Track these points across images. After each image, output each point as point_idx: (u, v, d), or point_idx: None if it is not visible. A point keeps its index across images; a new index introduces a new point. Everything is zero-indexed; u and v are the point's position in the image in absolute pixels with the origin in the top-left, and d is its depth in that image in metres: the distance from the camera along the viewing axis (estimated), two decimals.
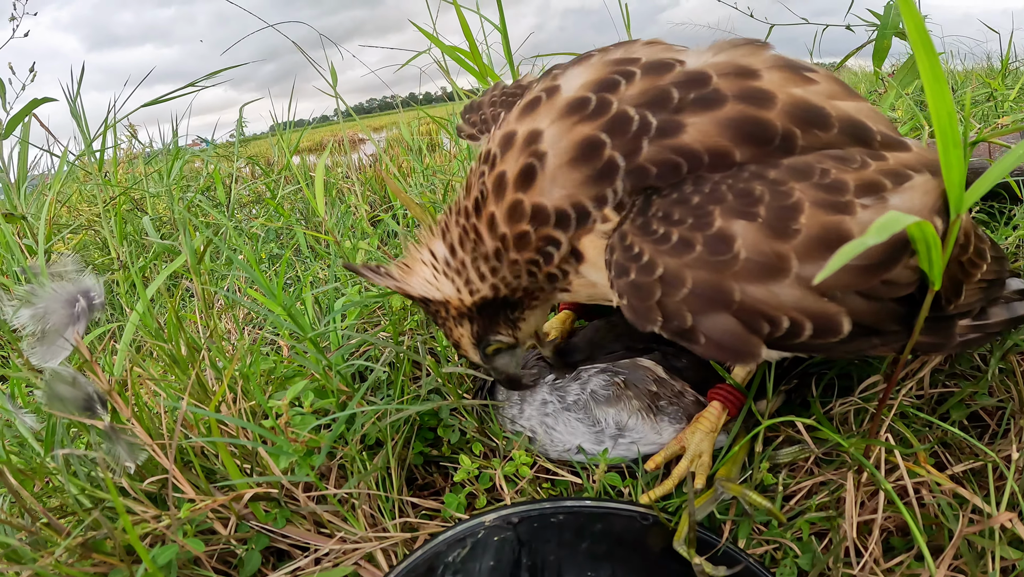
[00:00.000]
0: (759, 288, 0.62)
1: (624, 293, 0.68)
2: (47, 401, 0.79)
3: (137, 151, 3.09)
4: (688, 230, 0.65)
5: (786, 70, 0.73)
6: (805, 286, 0.61)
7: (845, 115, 0.70)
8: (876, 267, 0.62)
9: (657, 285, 0.65)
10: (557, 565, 0.76)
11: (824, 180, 0.65)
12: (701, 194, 0.66)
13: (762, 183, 0.65)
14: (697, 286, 0.63)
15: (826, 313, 0.63)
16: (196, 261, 1.31)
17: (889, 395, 0.75)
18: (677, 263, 0.64)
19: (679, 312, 0.64)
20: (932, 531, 0.77)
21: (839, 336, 0.63)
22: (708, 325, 0.63)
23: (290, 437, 0.87)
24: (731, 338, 0.63)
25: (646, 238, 0.67)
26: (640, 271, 0.66)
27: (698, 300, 0.63)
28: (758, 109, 0.69)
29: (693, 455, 0.87)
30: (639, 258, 0.67)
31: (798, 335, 0.63)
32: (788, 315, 0.62)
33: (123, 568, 0.76)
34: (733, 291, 0.62)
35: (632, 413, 0.95)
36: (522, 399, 1.00)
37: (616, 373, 0.97)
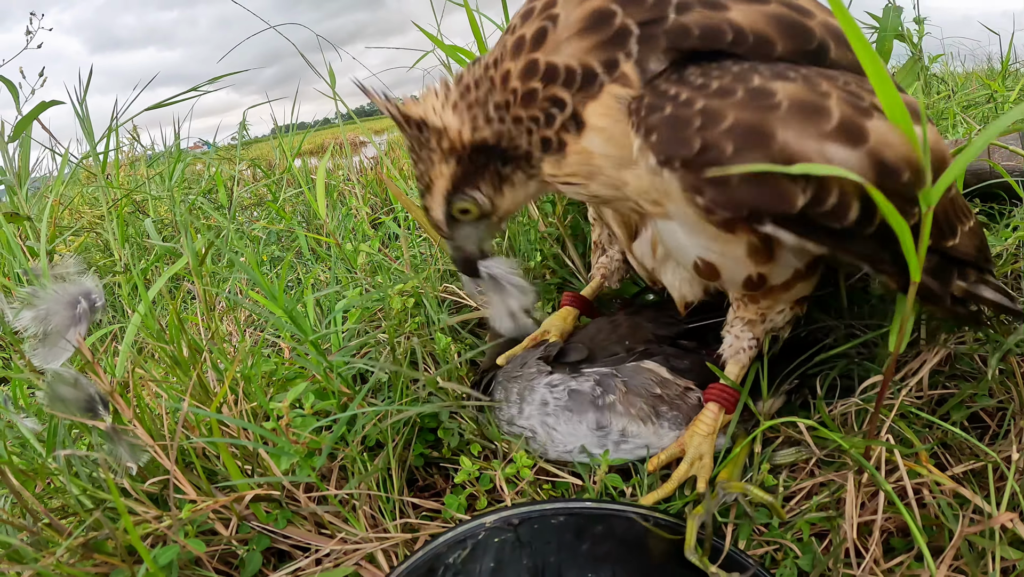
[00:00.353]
0: (799, 136, 0.62)
1: (654, 128, 0.66)
2: (49, 402, 0.80)
3: (139, 154, 3.10)
4: (730, 82, 0.65)
5: (819, 3, 0.76)
6: (830, 160, 0.62)
7: None
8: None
9: (697, 117, 0.64)
10: (557, 566, 0.76)
11: (847, 87, 0.67)
12: (739, 66, 0.68)
13: (795, 72, 0.67)
14: (739, 124, 0.63)
15: (844, 190, 0.64)
16: (198, 263, 1.32)
17: (886, 392, 0.75)
18: (718, 103, 0.64)
19: (719, 143, 0.63)
20: (933, 532, 0.77)
21: (846, 220, 0.65)
22: (744, 163, 0.62)
23: (291, 438, 0.87)
24: (766, 180, 0.63)
25: (683, 85, 0.67)
26: (678, 106, 0.65)
27: (739, 136, 0.62)
28: (800, 16, 0.72)
29: (693, 458, 0.87)
30: (676, 98, 0.66)
31: (823, 202, 0.64)
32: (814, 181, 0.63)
33: (124, 568, 0.76)
34: (774, 133, 0.62)
35: (634, 416, 0.95)
36: (522, 399, 1.00)
37: (619, 377, 0.97)
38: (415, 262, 1.51)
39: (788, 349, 0.98)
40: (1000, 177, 1.25)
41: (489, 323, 1.00)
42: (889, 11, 1.59)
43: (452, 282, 1.43)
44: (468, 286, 1.02)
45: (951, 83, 2.08)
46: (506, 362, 1.06)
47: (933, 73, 2.00)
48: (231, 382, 0.97)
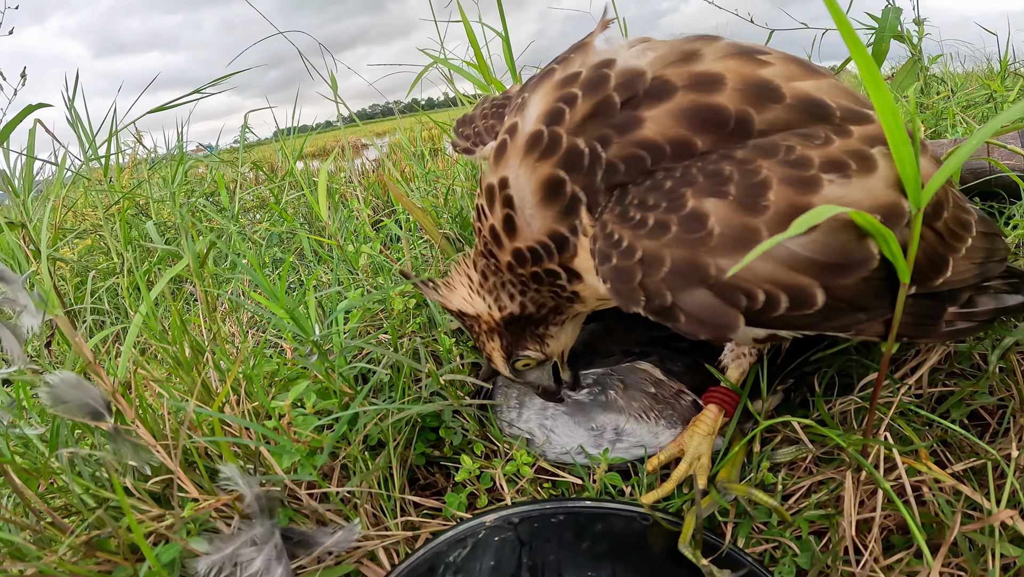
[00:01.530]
0: (733, 262, 0.62)
1: (608, 278, 0.70)
2: (51, 404, 0.80)
3: (142, 157, 3.11)
4: (663, 213, 0.67)
5: (737, 56, 0.74)
6: (776, 260, 0.63)
7: (802, 93, 0.71)
8: (834, 267, 0.64)
9: (638, 267, 0.67)
10: (557, 565, 0.77)
11: (790, 157, 0.66)
12: (673, 179, 0.69)
13: (731, 163, 0.67)
14: (675, 264, 0.65)
15: (798, 285, 0.64)
16: (199, 265, 1.32)
17: (880, 390, 0.75)
18: (655, 244, 0.66)
19: (659, 291, 0.66)
20: (932, 529, 0.77)
21: (814, 307, 0.64)
22: (687, 301, 0.65)
23: (293, 437, 0.88)
24: (710, 312, 0.65)
25: (624, 225, 0.69)
26: (621, 256, 0.69)
27: (676, 278, 0.65)
28: (709, 94, 0.71)
29: (692, 457, 0.88)
30: (619, 244, 0.69)
31: (775, 308, 0.64)
32: (762, 288, 0.63)
33: (127, 566, 0.76)
34: (709, 266, 0.63)
35: (630, 416, 0.95)
36: (520, 402, 1.01)
37: (614, 376, 0.97)
38: (416, 263, 1.51)
39: (788, 351, 0.98)
40: (998, 174, 1.25)
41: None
42: (888, 12, 1.59)
43: None
44: (501, 395, 1.12)
45: (950, 83, 2.08)
46: None
47: (933, 74, 2.01)
48: (233, 382, 0.97)
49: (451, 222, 1.60)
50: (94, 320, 1.80)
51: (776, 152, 0.67)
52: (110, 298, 1.86)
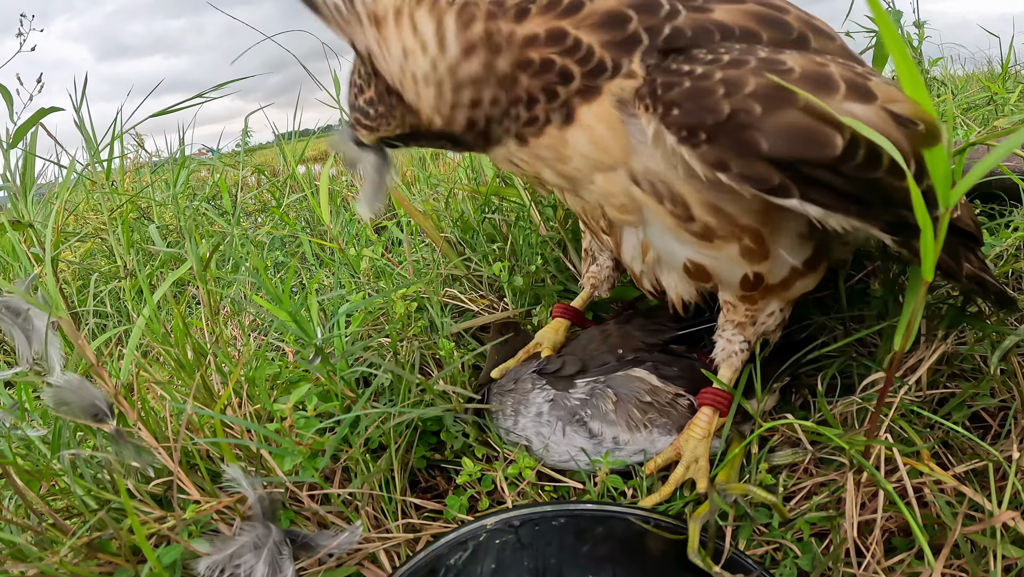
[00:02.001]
0: (819, 97, 0.61)
1: (675, 102, 0.64)
2: (54, 406, 0.80)
3: (144, 160, 3.12)
4: (740, 54, 0.65)
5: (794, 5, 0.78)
6: (852, 114, 0.61)
7: (844, 43, 0.77)
8: None
9: (720, 86, 0.63)
10: (558, 568, 0.77)
11: (839, 61, 0.68)
12: (741, 44, 0.69)
13: (791, 48, 0.69)
14: (762, 87, 0.62)
15: (873, 139, 0.61)
16: (202, 268, 1.33)
17: (887, 392, 0.76)
18: (736, 72, 0.63)
19: (747, 105, 0.62)
20: (935, 531, 0.77)
21: (880, 168, 0.63)
22: (776, 121, 0.61)
23: (294, 440, 0.88)
24: (802, 130, 0.61)
25: (695, 62, 0.66)
26: (696, 79, 0.64)
27: (764, 97, 0.62)
28: (778, 11, 0.74)
29: (689, 461, 0.88)
30: (692, 73, 0.65)
31: (853, 157, 0.62)
32: (843, 131, 0.61)
33: (128, 567, 0.76)
34: (796, 96, 0.61)
35: (625, 425, 0.95)
36: (516, 411, 1.01)
37: (609, 386, 0.97)
38: (418, 267, 1.51)
39: (782, 348, 0.98)
40: (998, 176, 1.25)
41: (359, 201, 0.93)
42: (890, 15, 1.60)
43: (455, 287, 1.44)
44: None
45: (951, 85, 2.08)
46: (500, 376, 1.07)
47: (933, 76, 2.01)
48: (235, 384, 0.98)
49: (452, 226, 1.61)
50: (96, 323, 1.80)
51: (829, 57, 0.69)
52: (112, 301, 1.87)
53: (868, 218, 0.68)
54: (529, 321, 1.27)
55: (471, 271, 1.45)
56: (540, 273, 1.34)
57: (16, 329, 0.87)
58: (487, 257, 1.44)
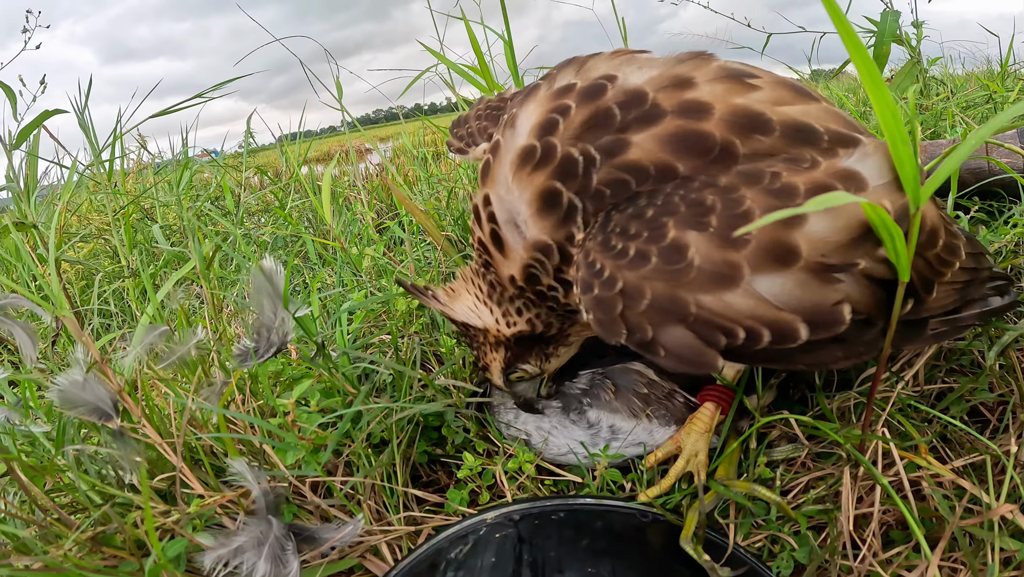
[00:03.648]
0: (713, 298, 0.62)
1: (589, 308, 0.69)
2: (60, 403, 0.81)
3: (147, 161, 3.14)
4: (644, 243, 0.66)
5: (727, 80, 0.73)
6: (757, 297, 0.61)
7: (789, 119, 0.70)
8: (832, 267, 0.62)
9: (619, 299, 0.66)
10: (558, 561, 0.77)
11: (774, 185, 0.64)
12: (655, 207, 0.68)
13: (714, 192, 0.66)
14: (655, 298, 0.64)
15: (781, 320, 0.62)
16: (205, 267, 1.34)
17: (877, 388, 0.76)
18: (635, 276, 0.65)
19: (640, 325, 0.65)
20: (932, 524, 0.77)
21: (797, 342, 0.63)
22: (666, 338, 0.65)
23: (298, 434, 0.89)
24: (688, 350, 0.64)
25: (606, 254, 0.69)
26: (602, 286, 0.68)
27: (656, 313, 0.64)
28: (695, 122, 0.70)
29: (689, 454, 0.88)
30: (601, 274, 0.68)
31: (756, 342, 0.63)
32: (743, 324, 0.62)
33: (133, 561, 0.77)
34: (688, 303, 0.63)
35: (625, 416, 0.96)
36: None
37: (608, 377, 0.98)
38: (419, 266, 1.52)
39: None
40: (998, 175, 1.26)
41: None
42: (887, 16, 1.60)
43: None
44: (498, 397, 1.10)
45: (950, 84, 2.09)
46: None
47: (932, 76, 2.01)
48: (238, 381, 0.98)
49: (453, 224, 1.61)
50: (100, 323, 1.81)
51: (760, 179, 0.65)
52: (116, 301, 1.88)
53: (787, 367, 0.74)
54: None
55: None
56: None
57: (19, 329, 0.88)
58: None
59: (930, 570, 0.69)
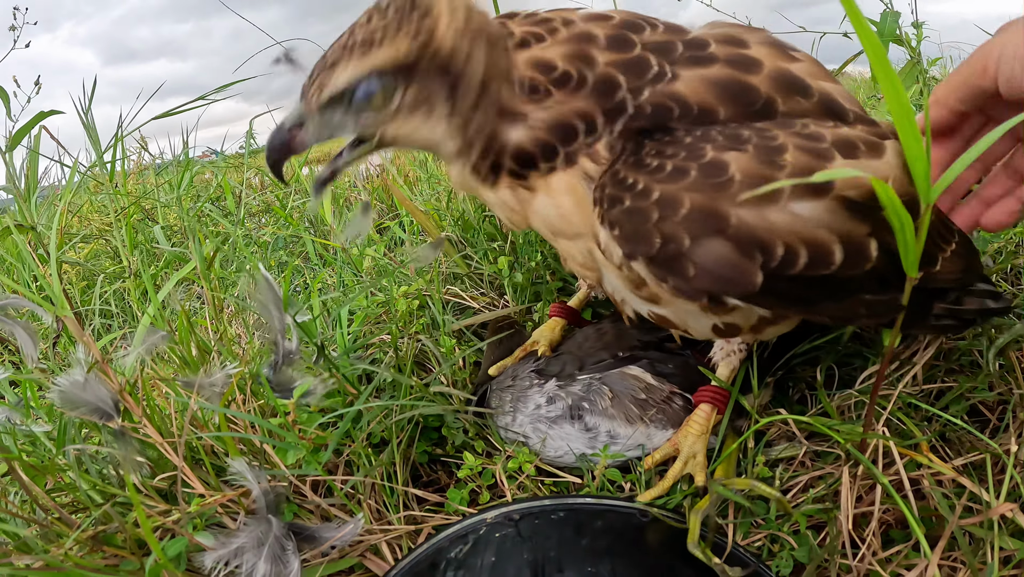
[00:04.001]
0: (753, 212, 0.62)
1: (617, 221, 0.67)
2: (61, 403, 0.82)
3: (148, 163, 3.15)
4: (683, 160, 0.65)
5: (775, 47, 0.77)
6: (795, 214, 0.63)
7: (824, 90, 0.75)
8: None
9: (654, 208, 0.64)
10: (558, 561, 0.77)
11: (804, 130, 0.68)
12: (692, 136, 0.68)
13: (749, 129, 0.68)
14: (695, 208, 0.63)
15: (818, 239, 0.63)
16: (206, 267, 1.34)
17: (880, 384, 0.76)
18: (674, 187, 0.64)
19: (676, 234, 0.63)
20: (932, 523, 0.77)
21: (831, 267, 0.64)
22: (702, 252, 0.63)
23: (298, 434, 0.89)
24: (726, 265, 0.63)
25: (640, 171, 0.67)
26: (636, 197, 0.66)
27: (695, 223, 0.63)
28: (745, 73, 0.72)
29: (687, 456, 0.89)
30: (634, 187, 0.66)
31: (793, 264, 0.63)
32: (783, 240, 0.63)
33: (134, 560, 0.77)
34: (729, 214, 0.62)
35: (622, 422, 0.96)
36: (514, 408, 1.02)
37: (605, 383, 0.98)
38: (419, 266, 1.52)
39: (778, 342, 0.99)
40: None
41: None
42: (886, 16, 1.61)
43: (456, 285, 1.45)
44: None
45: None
46: (498, 373, 1.08)
47: (932, 76, 2.02)
48: (239, 381, 0.99)
49: (453, 225, 1.62)
50: (101, 323, 1.82)
51: (792, 125, 0.69)
52: (117, 302, 1.89)
53: (814, 313, 0.72)
54: (530, 318, 1.28)
55: (472, 269, 1.46)
56: (540, 270, 1.35)
57: (20, 329, 0.88)
58: (488, 255, 1.45)
59: (930, 569, 0.69)
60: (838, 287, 0.68)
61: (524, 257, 1.37)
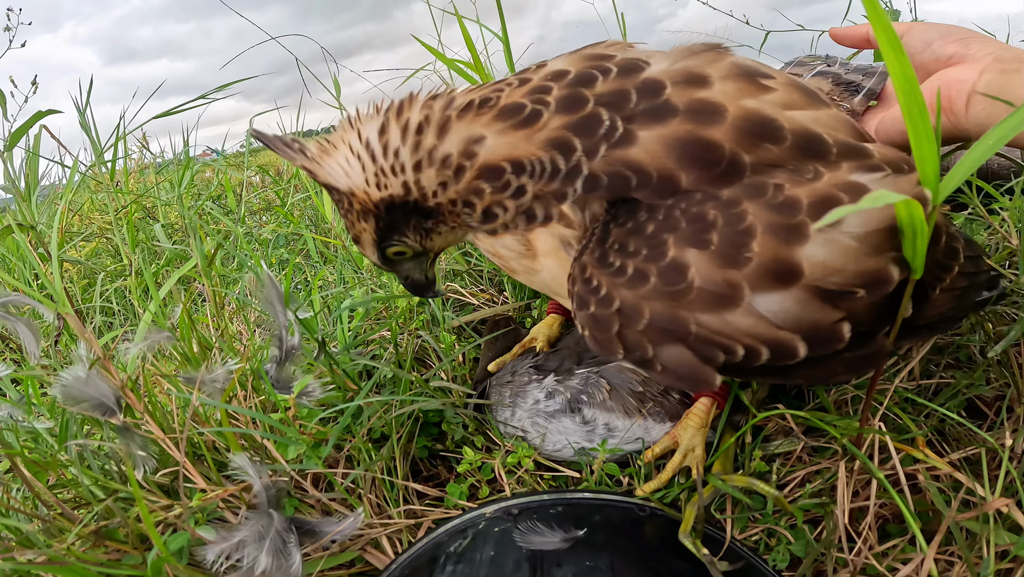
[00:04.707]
0: (713, 317, 0.62)
1: (586, 325, 0.68)
2: (63, 399, 0.82)
3: (148, 161, 3.15)
4: (643, 261, 0.64)
5: (741, 79, 0.71)
6: (756, 316, 0.61)
7: (799, 127, 0.68)
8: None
9: (616, 318, 0.65)
10: (556, 555, 0.78)
11: (777, 199, 0.63)
12: (655, 222, 0.66)
13: (715, 205, 0.64)
14: (655, 318, 0.63)
15: (780, 338, 0.62)
16: (207, 264, 1.34)
17: (878, 379, 0.76)
18: (634, 295, 0.64)
19: (639, 343, 0.65)
20: (929, 518, 0.78)
21: (795, 359, 0.63)
22: (665, 356, 0.64)
23: (299, 429, 0.90)
24: (686, 368, 0.64)
25: (603, 271, 0.67)
26: (599, 304, 0.67)
27: (656, 332, 0.64)
28: (706, 127, 0.67)
29: (686, 449, 0.89)
30: (598, 291, 0.67)
31: (755, 360, 0.63)
32: (743, 342, 0.62)
33: (136, 555, 0.78)
34: (688, 322, 0.62)
35: (620, 415, 0.96)
36: (513, 403, 1.02)
37: (602, 376, 0.99)
38: None
39: None
40: (998, 176, 1.26)
41: None
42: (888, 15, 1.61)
43: (456, 281, 1.45)
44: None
45: None
46: (497, 369, 1.09)
47: None
48: (240, 377, 0.99)
49: None
50: (103, 321, 1.82)
51: (764, 193, 0.64)
52: (118, 300, 1.89)
53: (788, 380, 0.72)
54: (529, 314, 1.29)
55: (472, 266, 1.47)
56: None
57: (22, 325, 0.88)
58: None
59: (925, 563, 0.69)
60: (809, 363, 0.66)
61: None
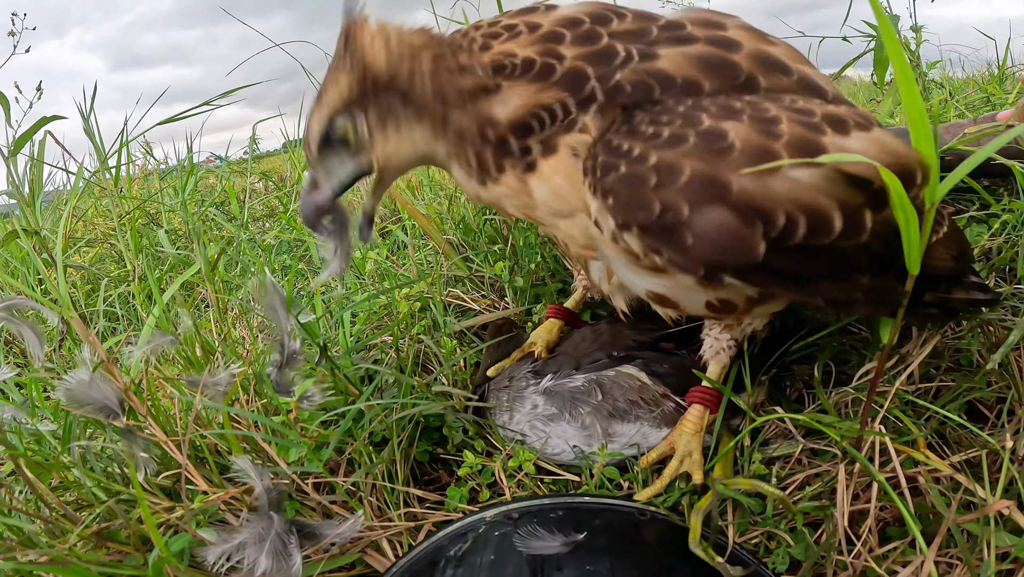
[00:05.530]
0: (754, 180, 0.61)
1: (611, 189, 0.65)
2: (66, 402, 0.83)
3: (152, 167, 3.17)
4: (680, 128, 0.64)
5: (752, 31, 0.78)
6: (795, 181, 0.62)
7: (803, 72, 0.75)
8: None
9: (652, 173, 0.63)
10: (556, 559, 0.78)
11: (795, 105, 0.68)
12: (685, 105, 0.68)
13: (741, 101, 0.68)
14: (695, 175, 0.61)
15: (819, 206, 0.62)
16: (210, 269, 1.35)
17: (878, 381, 0.77)
18: (674, 153, 0.62)
19: (675, 202, 0.62)
20: (929, 520, 0.78)
21: (831, 235, 0.63)
22: (702, 220, 0.62)
23: (300, 432, 0.90)
24: (727, 234, 0.62)
25: (635, 137, 0.66)
26: (632, 163, 0.64)
27: (695, 190, 0.61)
28: (726, 51, 0.73)
29: (683, 454, 0.89)
30: (629, 153, 0.65)
31: (793, 233, 0.62)
32: (784, 208, 0.61)
33: (137, 556, 0.78)
34: (730, 182, 0.61)
35: (617, 420, 0.97)
36: (512, 407, 1.03)
37: (600, 382, 0.99)
38: (421, 269, 1.54)
39: (771, 338, 1.00)
40: (998, 174, 1.27)
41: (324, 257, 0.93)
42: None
43: (457, 287, 1.46)
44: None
45: (948, 87, 2.10)
46: (496, 374, 1.09)
47: (932, 79, 2.02)
48: (243, 380, 1.00)
49: (455, 228, 1.63)
50: (106, 326, 1.83)
51: (781, 100, 0.69)
52: (122, 305, 1.90)
53: (811, 294, 0.70)
54: (530, 319, 1.29)
55: (473, 271, 1.47)
56: (539, 272, 1.36)
57: (26, 328, 0.89)
58: (488, 258, 1.46)
59: (926, 565, 0.69)
60: (835, 263, 0.67)
61: (524, 260, 1.38)
